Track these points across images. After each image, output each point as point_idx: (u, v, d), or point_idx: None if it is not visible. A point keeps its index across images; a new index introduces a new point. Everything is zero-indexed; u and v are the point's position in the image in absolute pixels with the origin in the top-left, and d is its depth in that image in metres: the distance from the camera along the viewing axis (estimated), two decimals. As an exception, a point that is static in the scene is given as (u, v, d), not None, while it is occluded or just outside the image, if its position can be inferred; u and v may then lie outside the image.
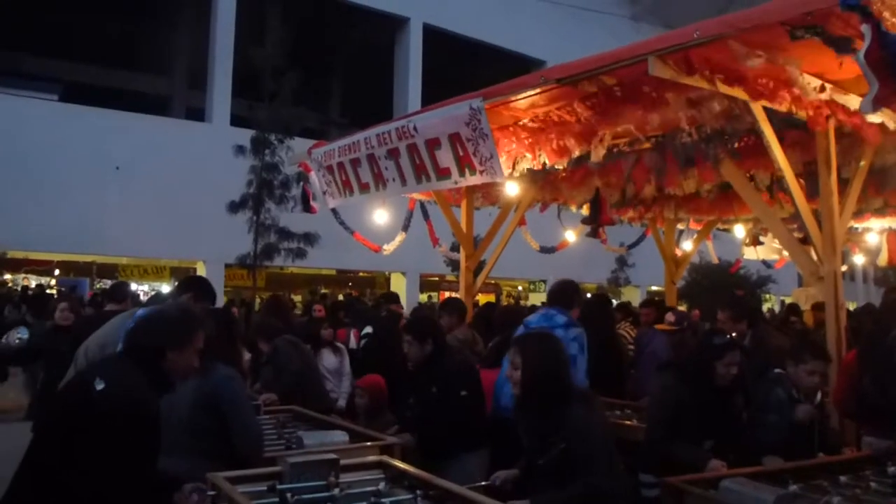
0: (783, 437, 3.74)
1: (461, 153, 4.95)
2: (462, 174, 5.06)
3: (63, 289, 19.67)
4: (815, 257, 4.60)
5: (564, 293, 5.18)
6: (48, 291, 19.03)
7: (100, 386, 2.64)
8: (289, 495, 2.76)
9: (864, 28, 2.89)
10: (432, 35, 25.12)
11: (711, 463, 3.51)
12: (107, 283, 22.13)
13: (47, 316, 7.87)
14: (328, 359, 6.91)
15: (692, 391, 3.76)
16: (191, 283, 4.42)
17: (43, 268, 21.82)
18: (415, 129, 5.45)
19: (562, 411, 3.24)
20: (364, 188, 6.23)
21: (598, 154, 4.90)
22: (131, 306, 5.54)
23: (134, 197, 18.45)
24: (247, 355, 5.73)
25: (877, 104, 2.95)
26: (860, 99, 3.85)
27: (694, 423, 3.70)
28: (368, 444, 3.82)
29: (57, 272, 22.22)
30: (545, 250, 10.49)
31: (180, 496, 2.75)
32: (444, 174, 5.24)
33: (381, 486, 2.97)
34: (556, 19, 26.66)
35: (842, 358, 4.48)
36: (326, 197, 6.93)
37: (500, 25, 25.57)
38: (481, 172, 4.90)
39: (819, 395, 4.04)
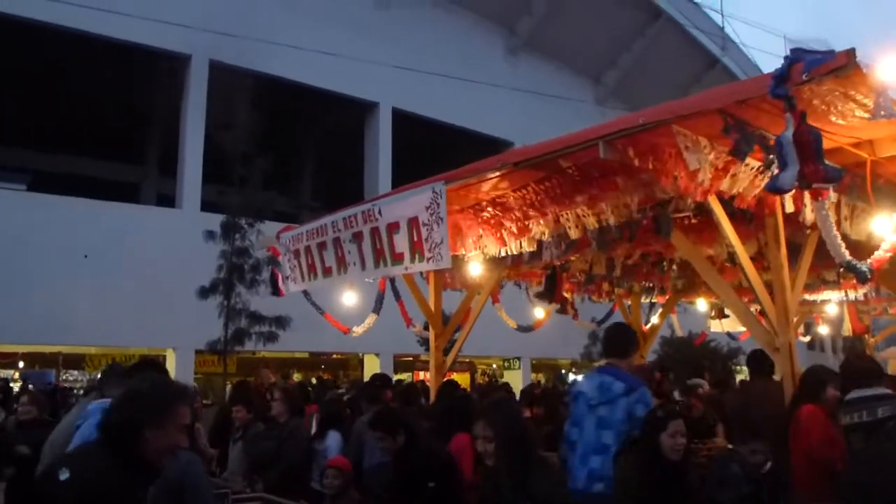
0: None
1: (415, 238, 5.06)
2: (412, 260, 5.16)
3: (30, 383, 19.26)
4: (770, 329, 4.74)
5: (618, 343, 5.03)
6: (11, 384, 18.61)
7: (63, 476, 2.42)
8: None
9: (788, 116, 3.11)
10: (401, 119, 25.72)
11: None
12: (73, 374, 21.70)
13: (10, 412, 7.72)
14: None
15: (645, 468, 3.81)
16: (138, 366, 4.32)
17: (7, 360, 21.36)
18: (379, 212, 5.60)
19: (528, 476, 3.33)
20: (327, 272, 6.34)
21: (574, 230, 5.05)
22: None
23: (103, 285, 18.33)
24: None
25: (799, 181, 3.16)
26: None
27: (652, 498, 3.73)
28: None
29: (21, 364, 21.76)
30: (522, 329, 10.57)
31: None
32: (398, 259, 5.34)
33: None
34: (523, 102, 27.48)
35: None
36: (288, 282, 7.03)
37: (468, 108, 26.27)
38: (428, 260, 4.98)
39: (767, 466, 4.15)
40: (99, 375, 6.09)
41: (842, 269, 4.29)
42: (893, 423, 2.62)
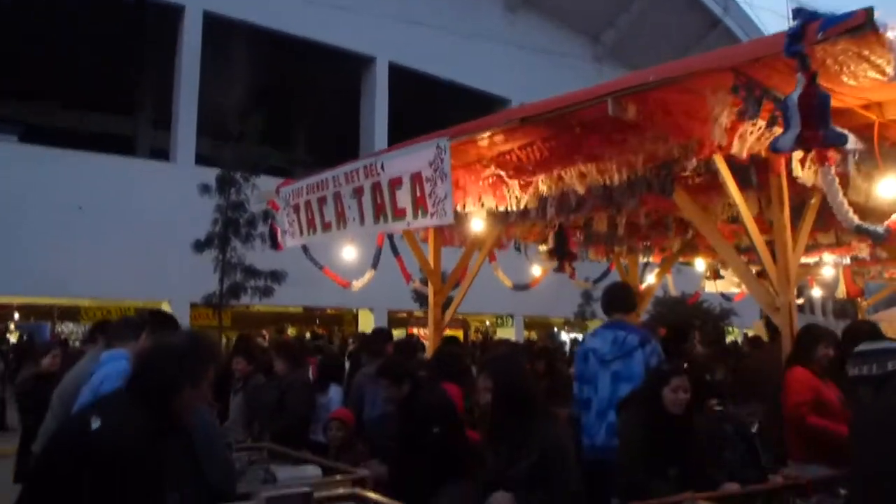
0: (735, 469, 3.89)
1: (418, 193, 5.05)
2: (415, 216, 5.15)
3: (24, 334, 19.36)
4: (770, 289, 4.78)
5: (623, 299, 5.12)
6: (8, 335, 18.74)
7: (95, 425, 2.42)
8: None
9: (799, 76, 3.10)
10: (398, 74, 25.46)
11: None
12: (68, 327, 21.76)
13: (29, 364, 7.71)
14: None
15: (647, 421, 3.87)
16: (146, 319, 4.32)
17: (2, 313, 21.38)
18: (382, 167, 5.57)
19: (531, 426, 3.41)
20: (326, 227, 6.33)
21: (578, 184, 5.04)
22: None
23: (97, 237, 18.27)
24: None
25: (797, 144, 3.16)
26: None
27: (657, 452, 3.79)
28: (341, 477, 3.86)
29: (16, 316, 21.79)
30: (518, 288, 10.60)
31: None
32: (399, 215, 5.33)
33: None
34: (520, 59, 27.23)
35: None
36: (286, 237, 7.02)
37: (465, 64, 26.02)
38: (432, 215, 4.98)
39: (756, 427, 4.24)
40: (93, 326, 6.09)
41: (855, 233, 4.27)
42: None
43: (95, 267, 18.03)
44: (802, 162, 4.15)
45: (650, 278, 9.94)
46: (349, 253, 8.21)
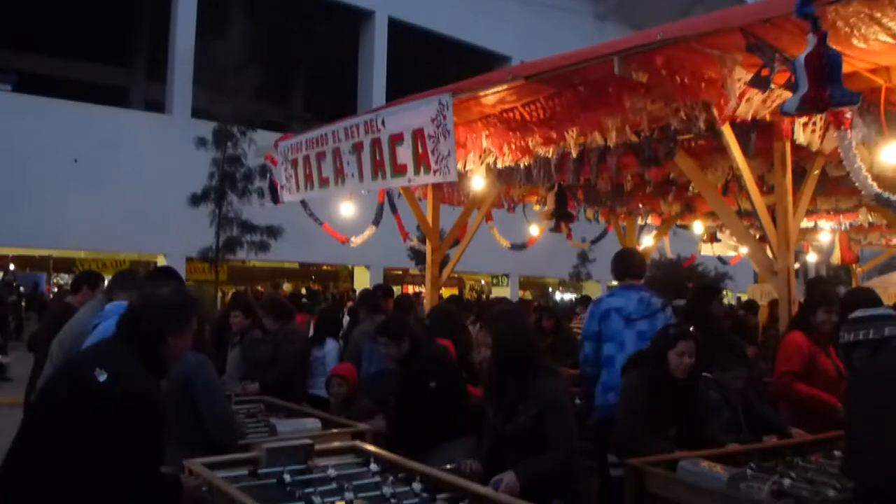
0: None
1: (420, 150, 5.01)
2: (417, 172, 5.11)
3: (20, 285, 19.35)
4: (769, 253, 4.79)
5: (638, 263, 5.15)
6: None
7: (102, 377, 2.49)
8: (287, 476, 2.82)
9: (810, 37, 3.05)
10: (397, 29, 25.13)
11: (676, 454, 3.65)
12: (63, 278, 21.75)
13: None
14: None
15: (651, 381, 3.91)
16: (153, 272, 4.43)
17: (-3, 263, 21.37)
18: (382, 123, 5.52)
19: (532, 382, 3.43)
20: (324, 183, 6.30)
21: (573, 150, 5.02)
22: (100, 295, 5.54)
23: (93, 190, 18.18)
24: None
25: (802, 106, 3.13)
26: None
27: (657, 412, 3.84)
28: (341, 430, 3.91)
29: (12, 267, 21.76)
30: (515, 247, 10.62)
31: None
32: (399, 171, 5.29)
33: (354, 468, 3.06)
34: (522, 16, 26.88)
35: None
36: (283, 192, 6.99)
37: (466, 21, 25.68)
38: (435, 172, 4.94)
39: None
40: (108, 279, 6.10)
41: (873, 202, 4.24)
42: None
43: (91, 219, 17.98)
44: (806, 127, 4.12)
45: (647, 240, 9.97)
46: (347, 209, 8.17)
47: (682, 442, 3.71)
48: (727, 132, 4.46)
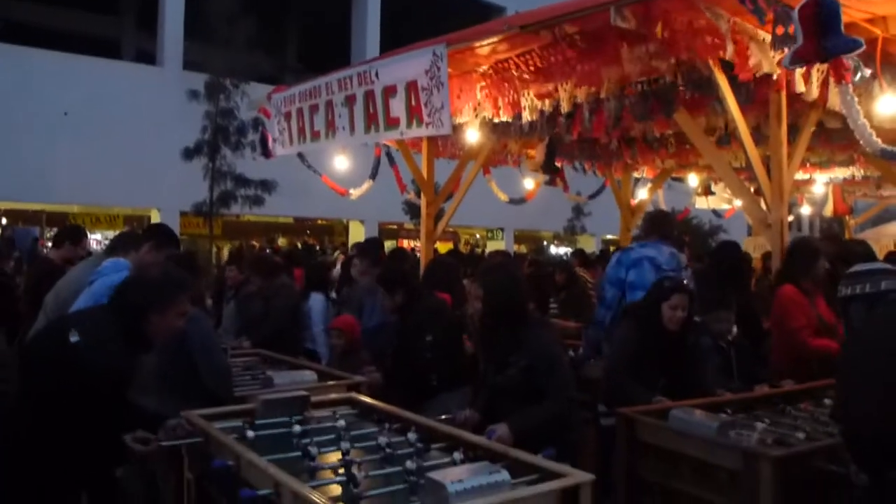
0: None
1: (413, 103, 4.98)
2: (409, 125, 5.08)
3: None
4: (763, 205, 4.80)
5: (668, 226, 5.27)
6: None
7: (74, 338, 2.67)
8: (297, 427, 2.86)
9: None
10: (391, -22, 24.66)
11: (657, 400, 3.70)
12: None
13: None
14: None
15: (644, 333, 3.95)
16: (150, 231, 4.42)
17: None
18: (376, 75, 5.47)
19: (523, 333, 3.47)
20: (315, 136, 6.28)
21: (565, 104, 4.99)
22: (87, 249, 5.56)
23: (84, 143, 17.97)
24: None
25: (796, 59, 3.10)
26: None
27: (648, 362, 3.89)
28: (337, 382, 3.95)
29: (4, 221, 21.64)
30: (514, 202, 10.60)
31: (164, 430, 2.82)
32: (392, 124, 5.26)
33: (350, 419, 3.10)
34: (517, -34, 26.35)
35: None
36: (276, 145, 6.95)
37: (461, -30, 25.18)
38: (427, 125, 4.92)
39: (733, 332, 4.36)
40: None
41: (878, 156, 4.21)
42: (894, 296, 2.71)
43: (82, 173, 17.81)
44: (805, 77, 4.09)
45: (642, 193, 9.96)
46: (341, 163, 8.14)
47: (672, 391, 3.77)
48: (723, 84, 4.43)
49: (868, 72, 3.75)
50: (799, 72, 3.96)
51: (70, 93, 18.20)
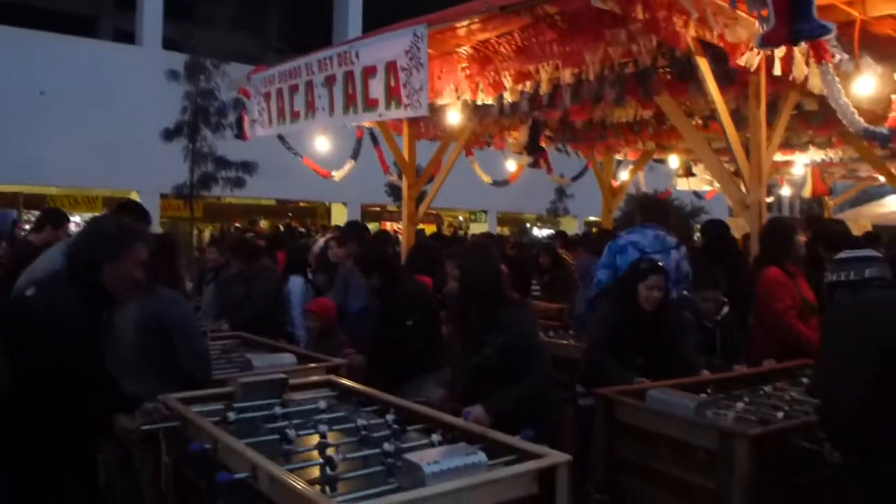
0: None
1: (392, 84, 4.94)
2: (388, 106, 5.05)
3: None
4: (742, 187, 4.82)
5: (666, 212, 5.35)
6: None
7: (29, 292, 2.73)
8: (275, 409, 2.85)
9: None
10: (373, -43, 24.39)
11: (636, 380, 3.73)
12: (34, 214, 21.39)
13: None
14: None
15: (621, 312, 3.97)
16: (123, 207, 4.39)
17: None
18: (356, 55, 5.42)
19: (499, 313, 3.47)
20: (295, 117, 6.22)
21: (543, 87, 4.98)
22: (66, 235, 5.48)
23: (61, 123, 17.71)
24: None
25: (766, 42, 3.10)
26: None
27: (625, 342, 3.91)
28: (317, 364, 3.94)
29: (-19, 203, 21.36)
30: (497, 184, 10.60)
31: (141, 413, 2.80)
32: (371, 105, 5.22)
33: (328, 401, 3.10)
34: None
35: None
36: (255, 126, 6.88)
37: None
38: (406, 106, 4.88)
39: (724, 312, 4.39)
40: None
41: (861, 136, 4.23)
42: (880, 283, 2.75)
43: (60, 154, 17.57)
44: (785, 59, 4.09)
45: (624, 175, 9.98)
46: (323, 144, 8.09)
47: (650, 371, 3.79)
48: (702, 65, 4.43)
49: (846, 56, 3.77)
50: (778, 54, 3.96)
51: (46, 72, 17.91)
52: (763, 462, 2.76)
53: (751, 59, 4.27)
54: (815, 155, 8.93)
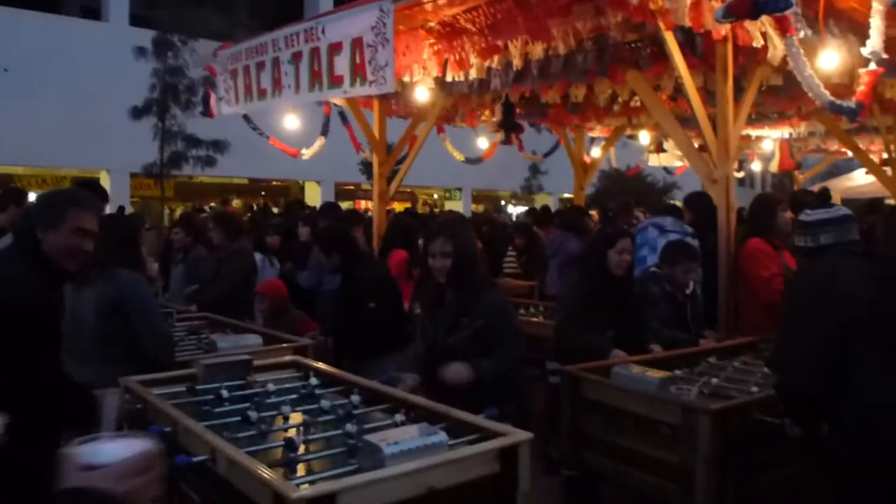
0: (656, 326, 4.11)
1: (358, 60, 4.88)
2: (353, 83, 4.99)
3: None
4: (710, 162, 4.83)
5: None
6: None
7: None
8: (225, 392, 2.79)
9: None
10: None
11: (613, 352, 3.75)
12: None
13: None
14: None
15: (592, 282, 3.98)
16: (81, 185, 4.33)
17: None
18: (322, 31, 5.35)
19: (480, 293, 3.42)
20: (262, 94, 6.15)
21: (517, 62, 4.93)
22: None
23: (27, 101, 17.33)
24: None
25: (728, 13, 3.09)
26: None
27: (597, 313, 3.92)
28: (282, 345, 3.91)
29: (-54, 183, 20.95)
30: (470, 161, 10.54)
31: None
32: (336, 82, 5.16)
33: (292, 382, 3.08)
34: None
35: (730, 254, 4.73)
36: (221, 104, 6.78)
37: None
38: (371, 83, 4.82)
39: (692, 286, 4.43)
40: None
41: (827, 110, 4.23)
42: (840, 249, 2.75)
43: (27, 133, 17.21)
44: (748, 31, 4.08)
45: (595, 151, 9.98)
46: (292, 122, 7.98)
47: (620, 343, 3.80)
48: (669, 39, 4.41)
49: (809, 32, 3.77)
50: (749, 26, 3.94)
51: (11, 48, 17.50)
52: (726, 437, 2.78)
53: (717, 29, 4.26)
54: (784, 130, 8.98)
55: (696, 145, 5.44)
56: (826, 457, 2.29)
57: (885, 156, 9.31)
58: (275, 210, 16.66)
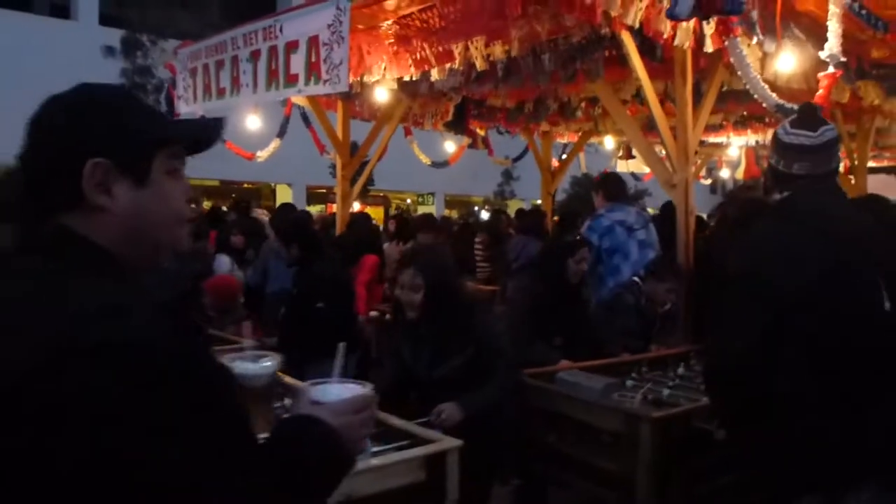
0: (622, 336, 4.02)
1: (313, 59, 4.81)
2: (307, 82, 4.91)
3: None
4: (669, 166, 4.79)
5: (626, 188, 5.57)
6: None
7: None
8: None
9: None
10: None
11: (561, 363, 3.67)
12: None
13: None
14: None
15: (545, 289, 3.92)
16: None
17: None
18: (280, 29, 5.27)
19: (468, 321, 3.15)
20: (221, 93, 6.05)
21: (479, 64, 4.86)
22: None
23: (-7, 100, 17.05)
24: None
25: (695, 10, 3.05)
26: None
27: (547, 320, 3.85)
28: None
29: None
30: (436, 165, 10.46)
31: None
32: (291, 81, 5.09)
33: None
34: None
35: (689, 259, 4.69)
36: (179, 102, 6.68)
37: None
38: (325, 82, 4.75)
39: (668, 306, 4.34)
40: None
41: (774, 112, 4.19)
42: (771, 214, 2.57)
43: (-9, 133, 16.92)
44: (696, 32, 4.03)
45: (563, 156, 9.96)
46: (253, 122, 7.87)
47: (570, 350, 3.74)
48: (627, 41, 4.37)
49: (761, 36, 3.74)
50: (684, 26, 3.90)
51: (-24, 47, 17.21)
52: (667, 444, 2.72)
53: (682, 37, 4.23)
54: (749, 138, 9.00)
55: (662, 151, 5.41)
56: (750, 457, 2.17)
57: (848, 164, 9.35)
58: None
